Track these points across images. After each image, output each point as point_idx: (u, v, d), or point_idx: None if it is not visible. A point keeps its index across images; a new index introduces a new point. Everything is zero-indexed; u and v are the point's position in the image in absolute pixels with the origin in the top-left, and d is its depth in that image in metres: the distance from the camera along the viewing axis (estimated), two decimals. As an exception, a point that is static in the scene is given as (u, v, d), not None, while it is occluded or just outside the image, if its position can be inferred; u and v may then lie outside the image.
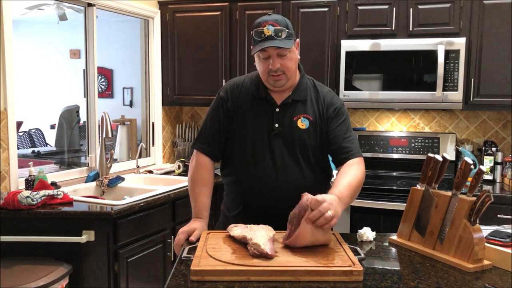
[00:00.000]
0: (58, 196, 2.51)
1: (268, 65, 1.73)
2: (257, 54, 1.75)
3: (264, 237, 1.42)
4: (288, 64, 1.74)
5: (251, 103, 1.84)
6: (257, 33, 1.71)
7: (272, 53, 1.71)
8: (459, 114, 3.56)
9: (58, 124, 5.17)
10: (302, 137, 1.80)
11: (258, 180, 1.80)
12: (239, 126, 1.84)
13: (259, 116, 1.82)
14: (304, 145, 1.80)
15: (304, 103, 1.83)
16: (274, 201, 1.78)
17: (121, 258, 2.48)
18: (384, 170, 3.55)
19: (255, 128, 1.82)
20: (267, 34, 1.68)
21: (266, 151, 1.80)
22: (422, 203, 1.64)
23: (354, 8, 3.34)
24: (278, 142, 1.80)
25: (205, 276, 1.29)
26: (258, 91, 1.84)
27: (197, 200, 1.82)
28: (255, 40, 1.73)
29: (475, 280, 1.37)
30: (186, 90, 3.81)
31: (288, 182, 1.79)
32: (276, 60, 1.72)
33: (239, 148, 1.84)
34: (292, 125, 1.80)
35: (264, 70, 1.76)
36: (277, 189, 1.79)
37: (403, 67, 3.25)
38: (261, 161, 1.80)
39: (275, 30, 1.69)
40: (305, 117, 1.81)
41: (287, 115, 1.81)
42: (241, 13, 3.59)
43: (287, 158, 1.80)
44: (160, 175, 3.53)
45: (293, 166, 1.80)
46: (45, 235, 2.37)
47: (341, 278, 1.30)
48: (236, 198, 1.89)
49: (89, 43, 3.28)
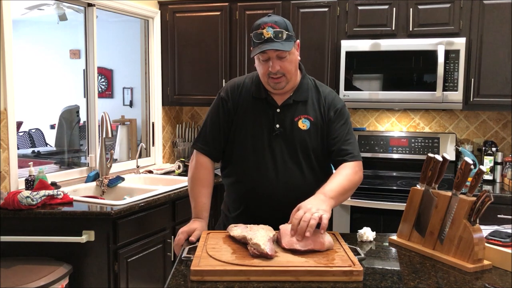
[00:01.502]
0: (58, 196, 2.51)
1: (267, 67, 1.72)
2: (257, 56, 1.74)
3: (264, 237, 1.42)
4: (287, 66, 1.73)
5: (252, 103, 1.83)
6: (256, 35, 1.70)
7: (272, 56, 1.70)
8: (459, 114, 3.57)
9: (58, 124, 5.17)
10: (303, 138, 1.79)
11: (258, 181, 1.80)
12: (240, 127, 1.83)
13: (259, 116, 1.82)
14: (305, 146, 1.80)
15: (305, 103, 1.82)
16: (275, 202, 1.78)
17: (121, 258, 2.48)
18: (384, 170, 3.55)
19: (255, 129, 1.81)
20: (266, 36, 1.67)
21: (267, 152, 1.79)
22: (422, 203, 1.64)
23: (354, 8, 3.34)
24: (279, 143, 1.79)
25: (205, 276, 1.29)
26: (259, 92, 1.83)
27: (197, 200, 1.82)
28: (254, 42, 1.72)
29: (475, 280, 1.37)
30: (186, 90, 3.81)
31: (288, 183, 1.78)
32: (276, 63, 1.71)
33: (240, 148, 1.84)
34: (293, 126, 1.79)
35: (264, 73, 1.75)
36: (278, 190, 1.78)
37: (403, 67, 3.25)
38: (262, 162, 1.80)
39: (275, 32, 1.67)
40: (306, 118, 1.80)
41: (288, 116, 1.80)
42: (241, 13, 3.59)
43: (287, 159, 1.79)
44: (160, 175, 3.53)
45: (294, 167, 1.80)
46: (45, 235, 2.37)
47: (341, 278, 1.30)
48: (237, 199, 1.89)
49: (89, 43, 3.28)
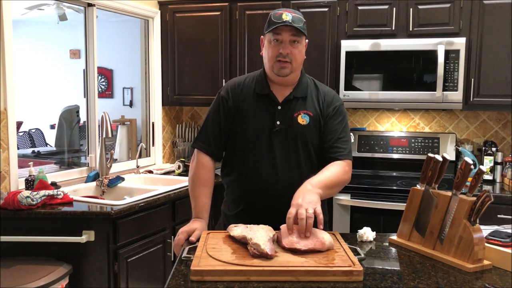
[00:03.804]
0: (58, 196, 2.51)
1: (278, 49, 1.75)
2: (268, 38, 1.77)
3: (264, 237, 1.42)
4: (297, 54, 1.77)
5: (253, 101, 1.85)
6: (274, 16, 1.74)
7: (285, 38, 1.74)
8: (459, 114, 3.57)
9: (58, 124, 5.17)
10: (303, 133, 1.81)
11: (259, 178, 1.81)
12: (241, 125, 1.84)
13: (260, 114, 1.83)
14: (305, 142, 1.81)
15: (304, 99, 1.84)
16: (275, 198, 1.79)
17: (121, 258, 2.48)
18: (384, 170, 3.55)
19: (256, 127, 1.82)
20: (285, 19, 1.72)
21: (268, 149, 1.81)
22: (422, 203, 1.64)
23: (354, 8, 3.34)
24: (279, 140, 1.81)
25: (205, 276, 1.29)
26: (261, 88, 1.85)
27: (197, 200, 1.82)
28: (270, 23, 1.74)
29: (475, 280, 1.37)
30: (186, 90, 3.81)
31: (288, 178, 1.79)
32: (287, 46, 1.74)
33: (240, 146, 1.85)
34: (293, 122, 1.81)
35: (272, 55, 1.77)
36: (278, 186, 1.79)
37: (403, 67, 3.25)
38: (262, 159, 1.81)
39: (293, 17, 1.73)
40: (306, 113, 1.82)
41: (289, 112, 1.82)
42: (241, 13, 3.59)
43: (288, 155, 1.81)
44: (160, 175, 3.53)
45: (294, 163, 1.81)
46: (45, 235, 2.37)
47: (341, 278, 1.30)
48: (237, 196, 1.89)
49: (89, 43, 3.28)
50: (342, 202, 3.10)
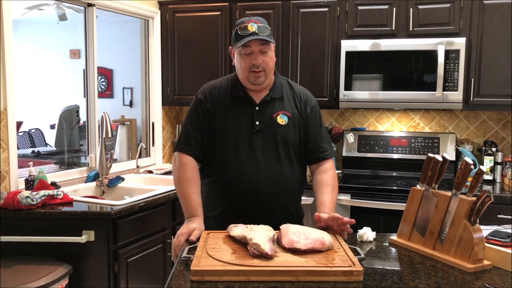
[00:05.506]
0: (58, 196, 2.51)
1: (250, 61, 1.79)
2: (238, 51, 1.81)
3: (264, 237, 1.42)
4: (268, 62, 1.82)
5: (231, 103, 1.88)
6: (240, 29, 1.78)
7: (255, 50, 1.78)
8: (459, 114, 3.56)
9: (58, 124, 5.17)
10: (282, 133, 1.86)
11: (241, 177, 1.83)
12: (220, 127, 1.87)
13: (239, 115, 1.86)
14: (285, 141, 1.86)
15: (281, 100, 1.90)
16: (257, 198, 1.82)
17: (121, 258, 2.48)
18: (384, 170, 3.55)
19: (236, 127, 1.85)
20: (251, 30, 1.76)
21: (248, 148, 1.84)
22: (422, 203, 1.64)
23: (354, 8, 3.33)
24: (260, 139, 1.84)
25: (205, 276, 1.29)
26: (237, 91, 1.88)
27: (189, 198, 1.83)
28: (237, 37, 1.79)
29: (475, 280, 1.37)
30: (186, 90, 3.80)
31: (270, 178, 1.83)
32: (259, 56, 1.79)
33: (221, 148, 1.87)
34: (272, 122, 1.86)
35: (245, 67, 1.81)
36: (260, 186, 1.82)
37: (403, 67, 3.25)
38: (244, 158, 1.83)
39: (259, 27, 1.77)
40: (284, 114, 1.88)
41: (267, 112, 1.87)
42: (241, 13, 3.59)
43: (268, 154, 1.84)
44: (160, 175, 3.53)
45: (275, 163, 1.84)
46: (45, 235, 2.37)
47: (341, 278, 1.30)
48: (218, 197, 1.90)
49: (89, 43, 3.28)
50: (342, 202, 3.10)
